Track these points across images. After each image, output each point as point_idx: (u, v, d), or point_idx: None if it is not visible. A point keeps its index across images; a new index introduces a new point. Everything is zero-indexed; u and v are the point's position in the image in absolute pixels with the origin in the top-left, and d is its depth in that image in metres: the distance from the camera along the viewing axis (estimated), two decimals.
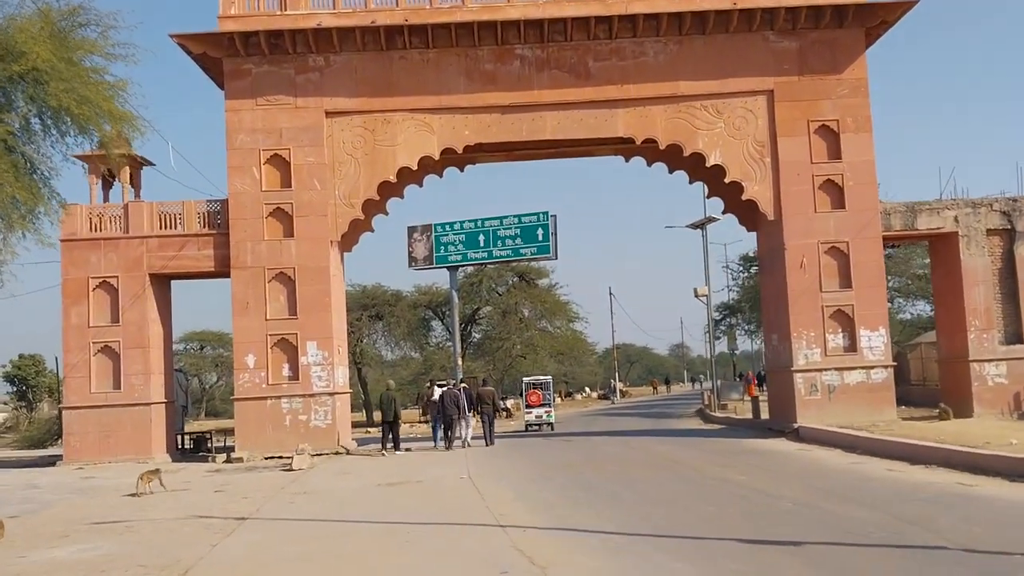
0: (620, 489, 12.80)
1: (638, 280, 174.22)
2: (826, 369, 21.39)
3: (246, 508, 12.93)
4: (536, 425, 29.44)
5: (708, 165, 21.94)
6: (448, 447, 21.60)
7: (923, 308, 42.44)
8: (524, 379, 32.37)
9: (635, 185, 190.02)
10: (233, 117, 21.87)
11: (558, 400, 64.93)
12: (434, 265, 37.58)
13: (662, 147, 22.00)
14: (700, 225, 34.57)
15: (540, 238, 36.34)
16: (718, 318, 62.18)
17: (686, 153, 21.95)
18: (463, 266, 38.55)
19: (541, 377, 31.41)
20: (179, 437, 26.75)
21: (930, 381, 28.96)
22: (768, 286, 23.61)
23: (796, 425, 20.99)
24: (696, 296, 34.50)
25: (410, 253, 37.78)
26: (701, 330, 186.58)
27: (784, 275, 21.68)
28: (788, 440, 20.46)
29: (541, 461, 17.70)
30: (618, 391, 67.74)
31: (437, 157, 22.15)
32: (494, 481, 14.49)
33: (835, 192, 21.76)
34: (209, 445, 26.18)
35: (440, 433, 22.26)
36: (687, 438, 22.59)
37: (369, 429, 34.64)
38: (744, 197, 21.96)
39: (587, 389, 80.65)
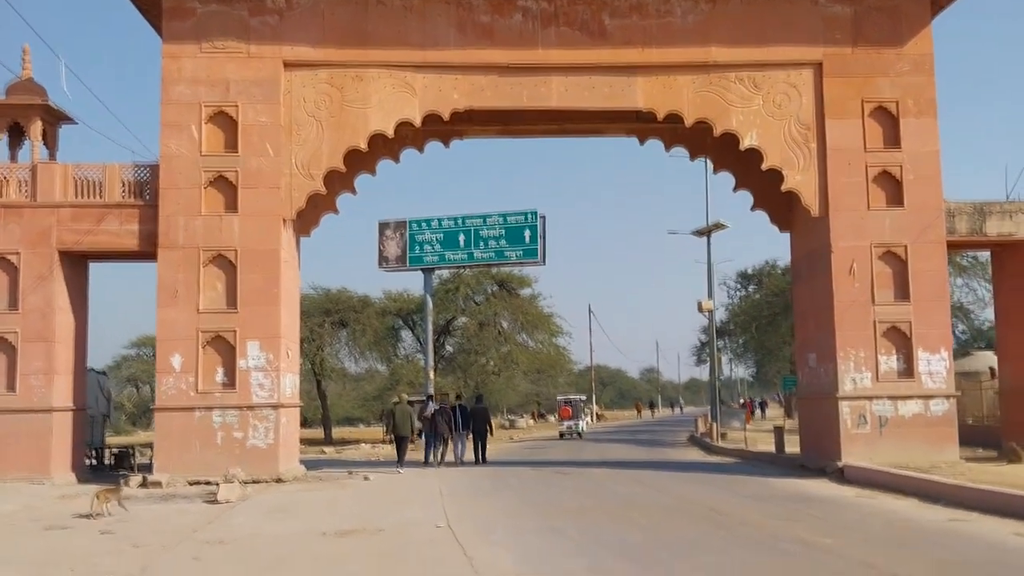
0: (669, 559, 8.94)
1: (615, 297, 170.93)
2: (877, 397, 17.74)
3: (126, 567, 8.95)
4: (568, 434, 36.98)
5: (742, 148, 18.29)
6: (439, 465, 21.03)
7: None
8: (559, 397, 41.67)
9: (619, 189, 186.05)
10: (171, 64, 17.91)
11: (531, 422, 61.59)
12: (407, 266, 33.70)
13: (688, 123, 18.33)
14: (706, 232, 30.96)
15: (527, 240, 32.64)
16: (704, 340, 58.90)
17: (717, 132, 18.30)
18: (440, 268, 34.69)
19: (573, 396, 40.43)
20: (96, 452, 22.69)
21: (968, 415, 25.47)
22: (803, 297, 19.97)
23: (841, 464, 17.33)
24: (700, 310, 30.83)
25: (381, 252, 33.87)
26: (675, 354, 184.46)
27: (829, 283, 18.04)
28: (831, 482, 16.79)
29: (540, 503, 13.77)
30: (594, 415, 63.86)
31: (418, 123, 18.31)
32: (483, 533, 10.60)
33: (892, 186, 18.21)
34: (132, 461, 22.19)
35: (432, 451, 21.63)
36: (705, 474, 18.81)
37: (324, 449, 30.52)
38: (784, 188, 18.33)
39: None
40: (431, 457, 21.36)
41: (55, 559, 9.50)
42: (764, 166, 18.31)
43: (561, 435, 37.54)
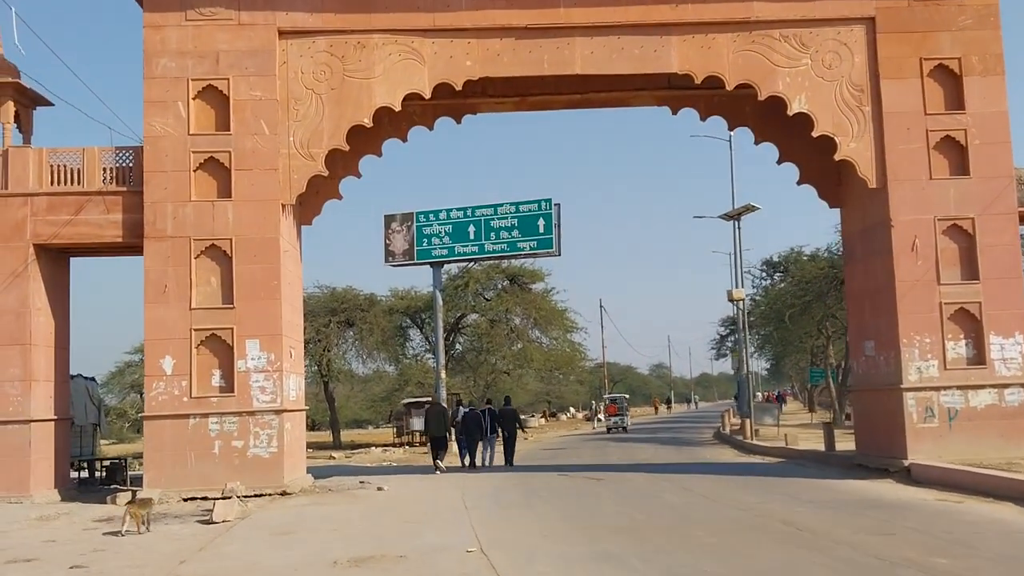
0: None
1: (626, 290, 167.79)
2: (946, 387, 15.95)
3: None
4: (614, 428, 42.30)
5: (790, 113, 16.48)
6: (472, 468, 20.78)
7: None
8: (605, 396, 49.55)
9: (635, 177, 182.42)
10: (153, 35, 16.17)
11: (543, 421, 59.92)
12: (415, 260, 31.93)
13: (730, 87, 16.51)
14: (735, 216, 29.12)
15: (541, 230, 30.84)
16: (724, 333, 57.05)
17: (762, 96, 16.48)
18: (449, 262, 32.89)
19: (617, 395, 48.34)
20: (87, 464, 20.92)
21: None
22: (858, 278, 18.17)
23: (907, 463, 15.54)
24: (730, 300, 29.02)
25: (387, 246, 32.11)
26: (687, 348, 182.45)
27: (889, 261, 16.25)
28: (898, 483, 15.05)
29: (582, 518, 11.94)
30: (604, 413, 61.98)
31: (428, 94, 16.51)
32: (524, 561, 8.81)
33: (956, 153, 16.41)
34: (125, 475, 20.46)
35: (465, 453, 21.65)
36: (755, 478, 17.01)
37: (333, 454, 28.80)
38: (838, 157, 16.52)
39: (571, 409, 74.98)
40: (464, 459, 21.36)
41: None
42: (815, 133, 16.50)
43: (608, 429, 42.67)
